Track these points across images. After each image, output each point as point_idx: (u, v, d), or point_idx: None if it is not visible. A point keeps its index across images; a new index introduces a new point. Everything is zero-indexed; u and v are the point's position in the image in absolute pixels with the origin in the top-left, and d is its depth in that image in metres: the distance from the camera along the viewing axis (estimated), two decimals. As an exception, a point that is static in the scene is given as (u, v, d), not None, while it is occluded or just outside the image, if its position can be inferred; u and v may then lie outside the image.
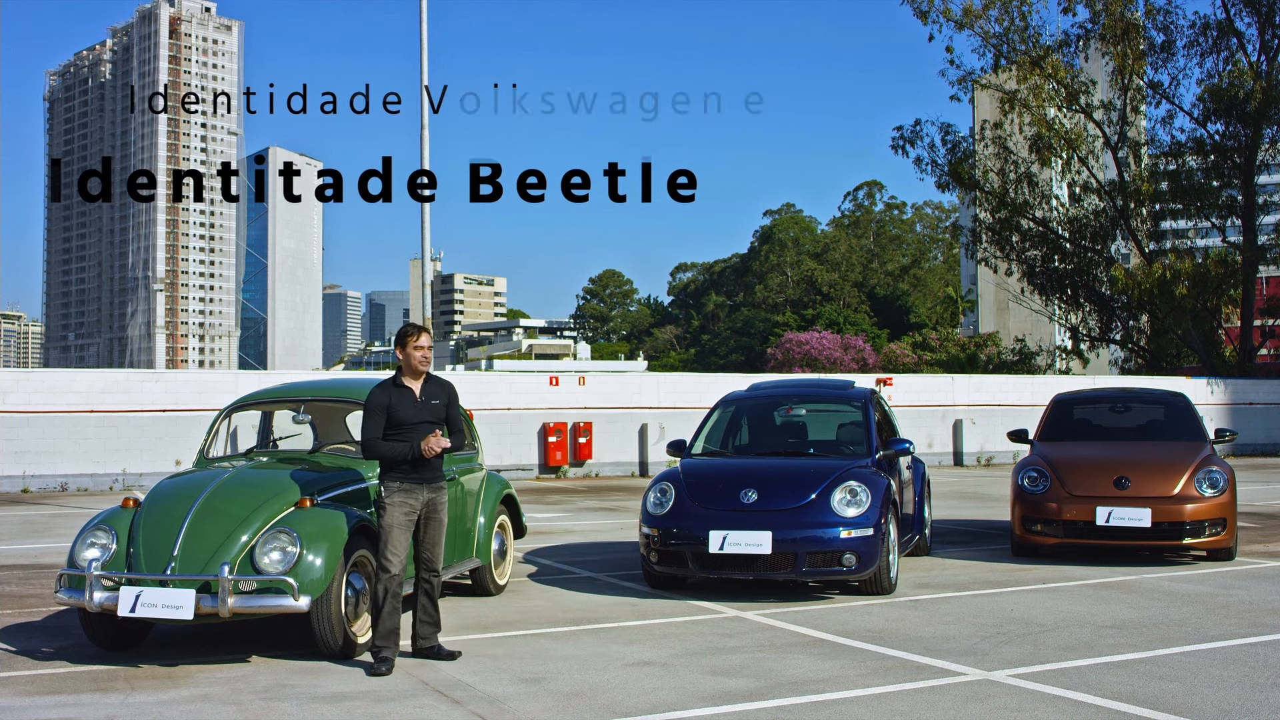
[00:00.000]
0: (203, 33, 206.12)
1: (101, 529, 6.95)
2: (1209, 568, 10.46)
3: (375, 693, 6.11)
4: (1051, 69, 36.33)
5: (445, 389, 7.03)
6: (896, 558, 9.27)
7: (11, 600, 9.03)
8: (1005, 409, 27.33)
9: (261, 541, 6.68)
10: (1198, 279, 34.69)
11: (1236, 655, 6.88)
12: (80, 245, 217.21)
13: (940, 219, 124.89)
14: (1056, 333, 56.27)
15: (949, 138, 39.35)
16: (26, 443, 19.73)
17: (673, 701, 5.89)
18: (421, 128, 20.72)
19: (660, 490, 9.14)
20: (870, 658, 6.85)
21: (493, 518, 8.99)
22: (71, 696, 6.06)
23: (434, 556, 6.91)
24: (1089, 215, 38.81)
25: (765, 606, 8.52)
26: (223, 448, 8.54)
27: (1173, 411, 12.23)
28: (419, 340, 6.93)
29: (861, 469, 9.10)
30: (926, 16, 37.10)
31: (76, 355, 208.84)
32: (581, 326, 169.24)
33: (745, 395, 10.96)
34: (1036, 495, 10.79)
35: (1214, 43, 36.61)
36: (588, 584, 9.75)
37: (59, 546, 12.19)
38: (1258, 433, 30.92)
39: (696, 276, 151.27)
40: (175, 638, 7.53)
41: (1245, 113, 35.00)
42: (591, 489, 20.53)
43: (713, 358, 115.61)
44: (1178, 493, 10.45)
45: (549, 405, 23.50)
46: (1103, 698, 5.87)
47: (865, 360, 62.87)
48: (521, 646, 7.24)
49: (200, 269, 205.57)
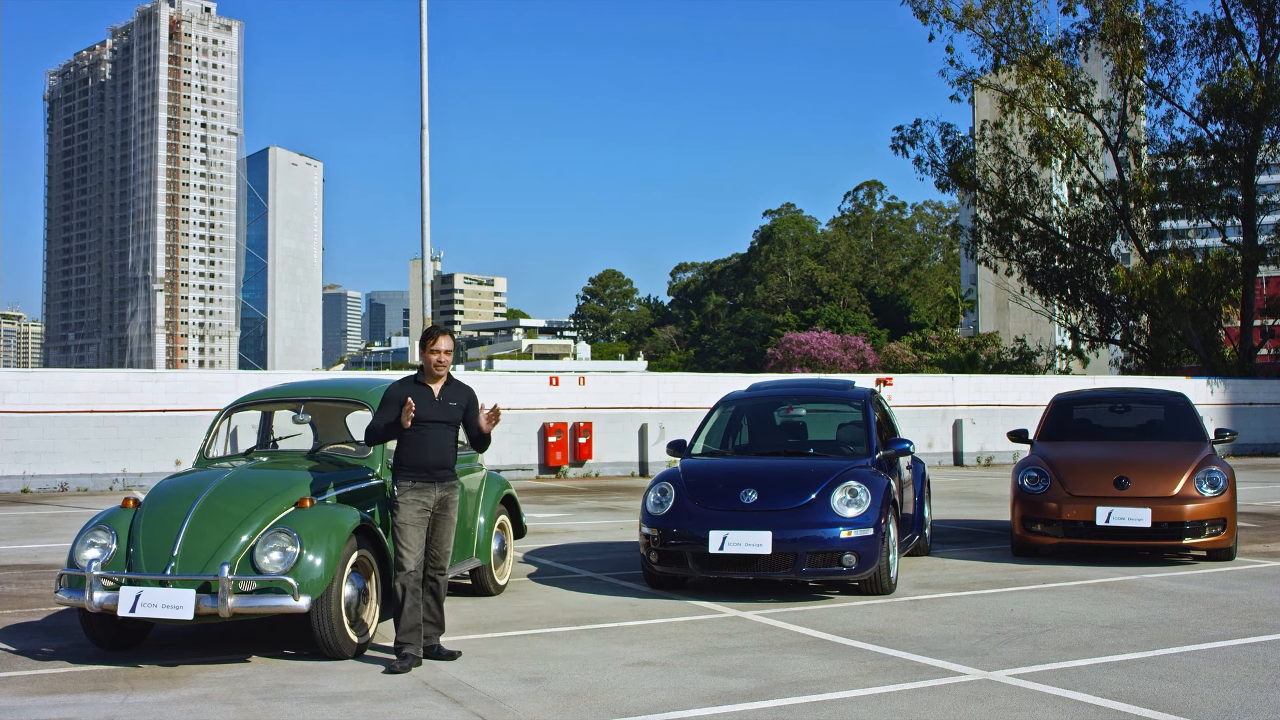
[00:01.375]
0: (203, 33, 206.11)
1: (101, 529, 6.95)
2: (1209, 568, 10.46)
3: (375, 693, 6.11)
4: (1051, 69, 36.34)
5: (465, 393, 7.06)
6: (896, 558, 9.27)
7: (11, 600, 9.03)
8: (1005, 409, 27.33)
9: (261, 541, 6.68)
10: (1198, 279, 34.69)
11: (1236, 655, 6.88)
12: (80, 245, 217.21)
13: (940, 219, 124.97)
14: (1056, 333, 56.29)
15: (949, 138, 39.37)
16: (26, 443, 19.73)
17: (673, 701, 5.89)
18: (422, 127, 20.71)
19: (660, 490, 9.14)
20: (870, 658, 6.85)
21: (493, 518, 9.00)
22: (71, 696, 6.06)
23: (442, 554, 6.93)
24: (1089, 215, 38.81)
25: (765, 606, 8.51)
26: (223, 448, 8.54)
27: (1173, 411, 12.23)
28: (436, 344, 6.94)
29: (861, 469, 9.10)
30: (926, 16, 37.12)
31: (76, 355, 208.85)
32: (581, 326, 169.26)
33: (745, 395, 10.96)
34: (1036, 495, 10.79)
35: (1214, 43, 36.63)
36: (588, 584, 9.75)
37: (59, 546, 12.19)
38: (1258, 433, 30.92)
39: (696, 276, 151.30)
40: (175, 638, 7.53)
41: (1245, 113, 35.00)
42: (591, 489, 20.53)
43: (713, 358, 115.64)
44: (1178, 493, 10.45)
45: (549, 405, 23.50)
46: (1103, 698, 5.87)
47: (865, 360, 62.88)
48: (521, 646, 7.24)
49: (200, 269, 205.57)
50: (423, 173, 20.76)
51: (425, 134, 20.74)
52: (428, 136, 20.76)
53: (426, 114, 20.67)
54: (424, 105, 20.67)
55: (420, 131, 20.72)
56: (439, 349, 6.94)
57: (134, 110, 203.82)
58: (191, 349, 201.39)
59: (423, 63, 20.81)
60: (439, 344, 6.95)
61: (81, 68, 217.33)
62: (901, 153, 39.33)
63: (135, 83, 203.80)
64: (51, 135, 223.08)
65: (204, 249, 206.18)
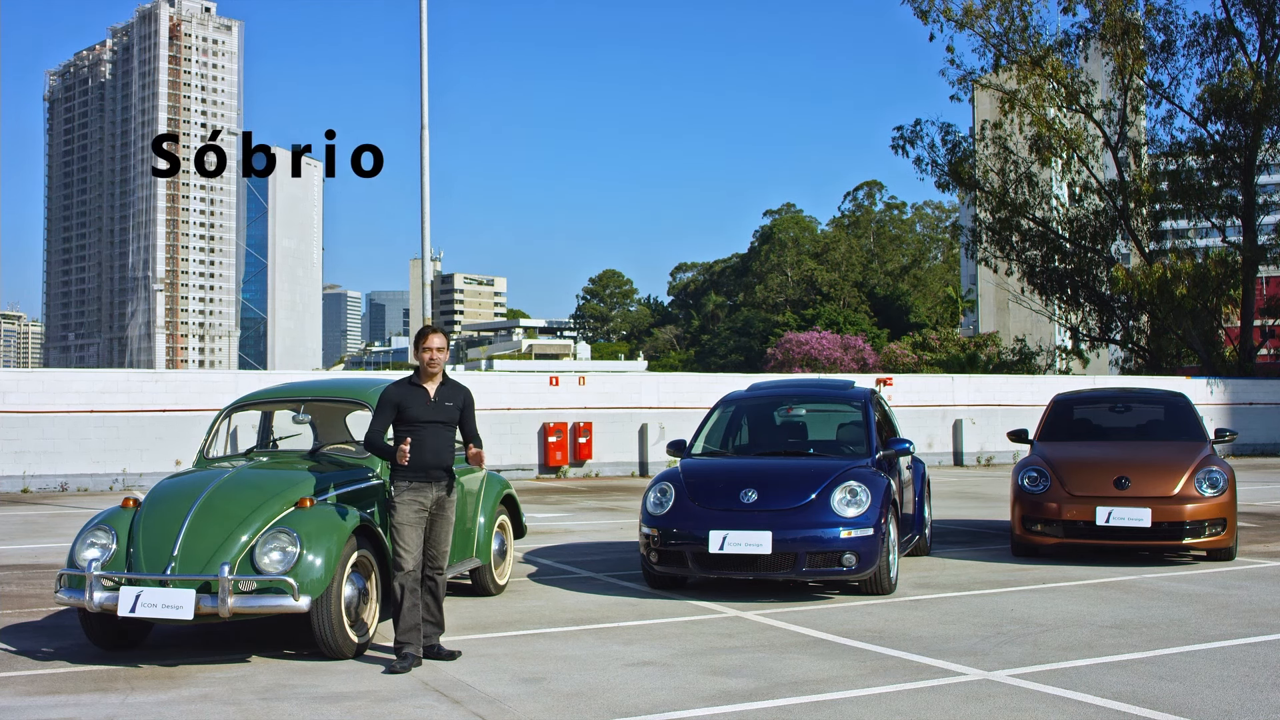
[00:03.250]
0: (203, 33, 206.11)
1: (101, 529, 6.95)
2: (1209, 568, 10.46)
3: (375, 692, 6.11)
4: (1052, 69, 36.33)
5: (461, 393, 7.05)
6: (896, 558, 9.26)
7: (11, 600, 9.03)
8: (1005, 409, 27.33)
9: (261, 541, 6.68)
10: (1198, 279, 34.70)
11: (1236, 655, 6.88)
12: (80, 245, 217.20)
13: (940, 219, 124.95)
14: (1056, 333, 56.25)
15: (949, 138, 39.37)
16: (27, 443, 19.73)
17: (673, 701, 5.89)
18: (422, 127, 20.70)
19: (660, 490, 9.14)
20: (870, 658, 6.85)
21: (493, 518, 8.99)
22: (71, 696, 6.06)
23: (440, 554, 6.94)
24: (1089, 215, 38.81)
25: (765, 606, 8.51)
26: (223, 448, 8.54)
27: (1173, 411, 12.23)
28: (428, 342, 6.95)
29: (861, 469, 9.10)
30: (927, 16, 37.13)
31: (76, 355, 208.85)
32: (581, 326, 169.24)
33: (745, 395, 10.95)
34: (1036, 495, 10.79)
35: (1214, 43, 36.63)
36: (588, 584, 9.74)
37: (59, 546, 12.18)
38: (1258, 433, 30.92)
39: (696, 276, 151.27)
40: (175, 638, 7.53)
41: (1245, 113, 35.00)
42: (591, 489, 20.53)
43: (713, 358, 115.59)
44: (1178, 493, 10.45)
45: (549, 405, 23.50)
46: (1103, 698, 5.87)
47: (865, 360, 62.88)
48: (521, 646, 7.24)
49: (200, 269, 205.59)
50: (423, 172, 20.75)
51: (425, 134, 20.73)
52: (428, 136, 20.75)
53: (426, 114, 20.67)
54: (424, 105, 20.67)
55: (420, 131, 20.72)
56: (432, 346, 6.94)
57: (134, 110, 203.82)
58: (191, 349, 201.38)
59: (423, 62, 20.80)
60: (431, 342, 6.95)
61: (81, 68, 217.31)
62: (901, 153, 39.35)
63: (135, 83, 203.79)
64: (51, 135, 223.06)
65: (204, 249, 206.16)
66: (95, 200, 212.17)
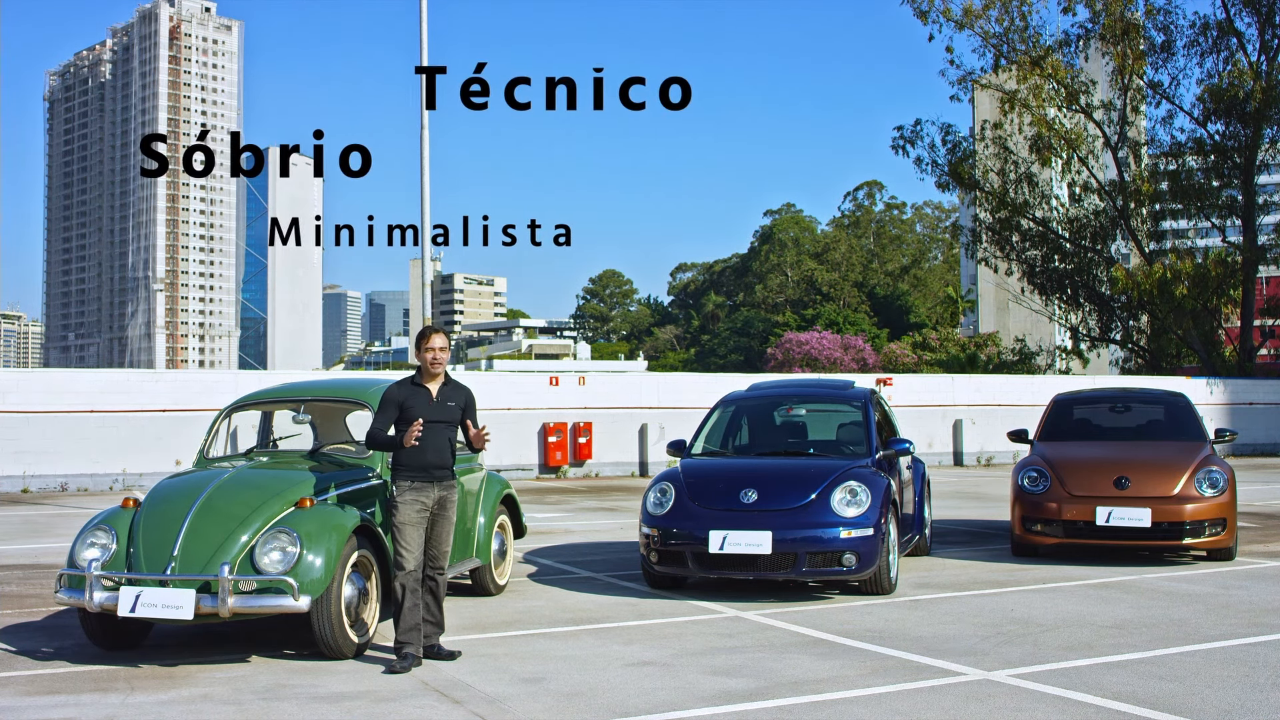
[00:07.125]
0: (203, 33, 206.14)
1: (101, 529, 6.94)
2: (1209, 568, 10.46)
3: (375, 693, 6.11)
4: (1051, 69, 36.33)
5: (463, 393, 7.06)
6: (896, 558, 9.26)
7: (11, 600, 9.03)
8: (1005, 409, 27.32)
9: (261, 541, 6.68)
10: (1198, 279, 34.69)
11: (1236, 655, 6.88)
12: (80, 245, 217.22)
13: (940, 219, 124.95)
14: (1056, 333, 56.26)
15: (949, 138, 39.37)
16: (27, 443, 19.72)
17: (673, 701, 5.89)
18: (422, 127, 20.70)
19: (660, 490, 9.14)
20: (870, 658, 6.85)
21: (493, 518, 8.99)
22: (71, 696, 6.06)
23: (441, 554, 6.94)
24: (1089, 215, 38.81)
25: (765, 606, 8.51)
26: (223, 448, 8.54)
27: (1173, 411, 12.22)
28: (429, 342, 6.96)
29: (861, 469, 9.10)
30: (926, 16, 37.13)
31: (76, 355, 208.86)
32: (581, 326, 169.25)
33: (745, 395, 10.95)
34: (1036, 495, 10.79)
35: (1214, 43, 36.63)
36: (587, 584, 9.74)
37: (59, 546, 12.18)
38: (1258, 433, 30.92)
39: (696, 276, 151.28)
40: (175, 638, 7.52)
41: (1245, 113, 35.01)
42: (591, 489, 20.53)
43: (712, 358, 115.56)
44: (1178, 493, 10.45)
45: (549, 405, 23.49)
46: (1103, 698, 5.87)
47: (865, 360, 62.91)
48: (521, 646, 7.24)
49: (200, 269, 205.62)
50: (423, 172, 20.75)
51: (425, 134, 20.74)
52: (428, 137, 20.76)
53: (426, 114, 20.67)
54: (424, 104, 20.67)
55: (420, 131, 20.72)
56: (434, 347, 6.95)
57: (134, 110, 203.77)
58: (191, 349, 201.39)
59: (423, 62, 20.80)
60: (433, 342, 6.96)
61: (81, 68, 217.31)
62: (902, 153, 39.36)
63: (135, 83, 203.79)
64: (51, 135, 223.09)
65: (204, 249, 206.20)
66: (95, 200, 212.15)
